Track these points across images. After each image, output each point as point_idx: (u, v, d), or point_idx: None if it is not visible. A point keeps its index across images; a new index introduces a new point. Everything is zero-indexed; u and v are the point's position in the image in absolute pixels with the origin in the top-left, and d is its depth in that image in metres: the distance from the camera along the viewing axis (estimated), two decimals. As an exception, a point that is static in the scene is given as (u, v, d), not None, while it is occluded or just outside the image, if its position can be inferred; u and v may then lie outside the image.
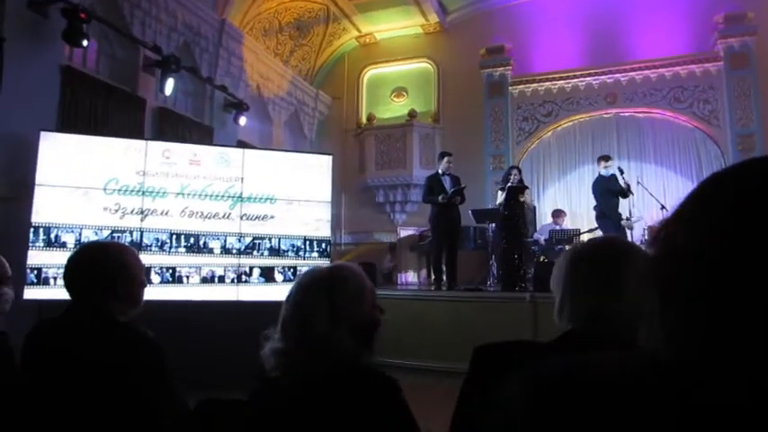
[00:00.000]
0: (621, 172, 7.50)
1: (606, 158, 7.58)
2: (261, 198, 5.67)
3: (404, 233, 9.64)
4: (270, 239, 5.67)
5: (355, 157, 10.56)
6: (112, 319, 1.52)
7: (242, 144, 8.08)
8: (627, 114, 9.43)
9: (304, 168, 6.00)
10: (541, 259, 7.81)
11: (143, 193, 5.15)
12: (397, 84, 10.79)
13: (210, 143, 7.13)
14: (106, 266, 1.58)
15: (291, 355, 1.26)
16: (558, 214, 8.38)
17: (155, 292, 4.95)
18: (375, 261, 8.30)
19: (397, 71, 10.84)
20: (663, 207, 7.93)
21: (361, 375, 1.26)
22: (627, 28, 9.44)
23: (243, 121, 8.01)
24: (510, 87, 9.88)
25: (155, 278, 5.08)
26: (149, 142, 5.43)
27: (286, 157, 6.20)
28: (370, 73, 10.98)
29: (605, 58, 9.45)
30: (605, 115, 9.51)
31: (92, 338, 1.43)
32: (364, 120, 10.69)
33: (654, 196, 8.18)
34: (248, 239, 5.58)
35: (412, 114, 10.18)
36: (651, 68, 9.24)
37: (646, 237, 8.01)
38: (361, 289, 1.37)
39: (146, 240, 5.10)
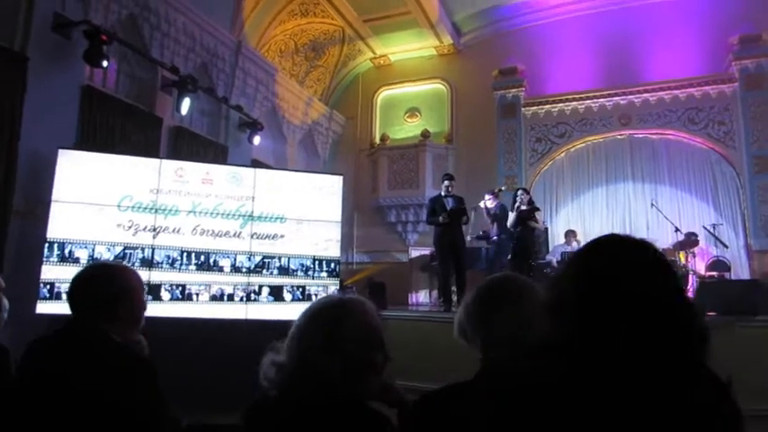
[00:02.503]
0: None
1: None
2: (271, 217, 5.73)
3: (415, 253, 9.63)
4: (279, 258, 5.72)
5: (368, 176, 10.63)
6: (107, 338, 1.55)
7: (256, 163, 8.19)
8: (641, 136, 9.37)
9: (315, 188, 6.05)
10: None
11: (156, 210, 5.23)
12: (410, 104, 10.88)
13: (225, 162, 7.24)
14: (109, 288, 1.62)
15: (287, 372, 1.28)
16: (569, 235, 8.32)
17: (165, 309, 5.01)
18: (386, 281, 8.28)
19: (410, 92, 10.93)
20: (677, 229, 7.85)
21: (353, 409, 1.26)
22: (640, 49, 9.44)
23: (257, 140, 8.12)
24: (523, 108, 9.90)
25: (165, 295, 5.14)
26: (163, 161, 5.53)
27: (297, 176, 6.27)
28: (384, 93, 11.09)
29: (619, 79, 9.44)
30: (619, 137, 9.47)
31: (84, 358, 1.46)
32: (378, 140, 10.77)
33: (668, 219, 8.11)
34: (258, 258, 5.62)
35: (425, 135, 10.25)
36: (665, 90, 9.20)
37: (660, 260, 7.92)
38: (366, 328, 1.36)
39: (157, 257, 5.17)
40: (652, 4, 9.42)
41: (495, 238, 7.19)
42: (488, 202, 7.26)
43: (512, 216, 6.78)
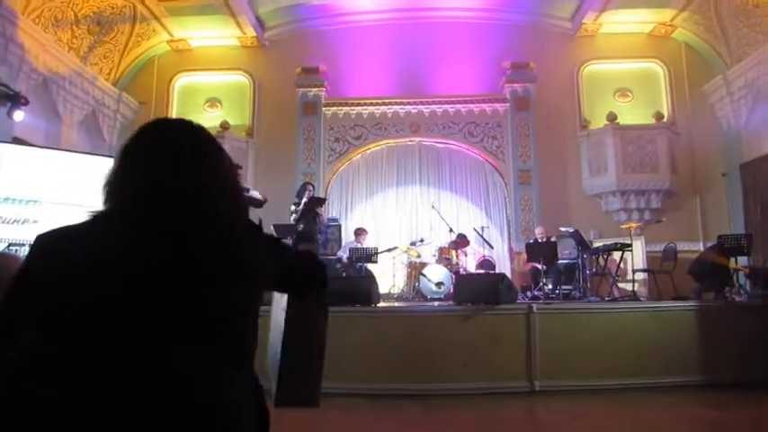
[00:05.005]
0: None
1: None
2: (21, 200, 5.06)
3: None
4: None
5: (161, 166, 9.97)
6: None
7: (19, 142, 7.15)
8: (428, 143, 10.19)
9: (80, 170, 5.48)
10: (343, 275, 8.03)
11: None
12: (211, 94, 10.47)
13: (-27, 137, 6.19)
14: None
15: None
16: (359, 232, 8.70)
17: None
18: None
19: (211, 81, 10.52)
20: (451, 230, 8.67)
21: None
22: (431, 64, 10.28)
23: (19, 116, 7.07)
24: (323, 108, 10.13)
25: None
26: None
27: (60, 156, 5.63)
28: (182, 80, 10.50)
29: (411, 89, 10.17)
30: (409, 142, 10.18)
31: None
32: (173, 128, 10.15)
33: (445, 220, 8.91)
34: (2, 245, 4.91)
35: (224, 126, 9.92)
36: (450, 103, 10.12)
37: (436, 256, 8.70)
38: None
39: None
40: (441, 23, 10.33)
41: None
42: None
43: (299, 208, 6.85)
